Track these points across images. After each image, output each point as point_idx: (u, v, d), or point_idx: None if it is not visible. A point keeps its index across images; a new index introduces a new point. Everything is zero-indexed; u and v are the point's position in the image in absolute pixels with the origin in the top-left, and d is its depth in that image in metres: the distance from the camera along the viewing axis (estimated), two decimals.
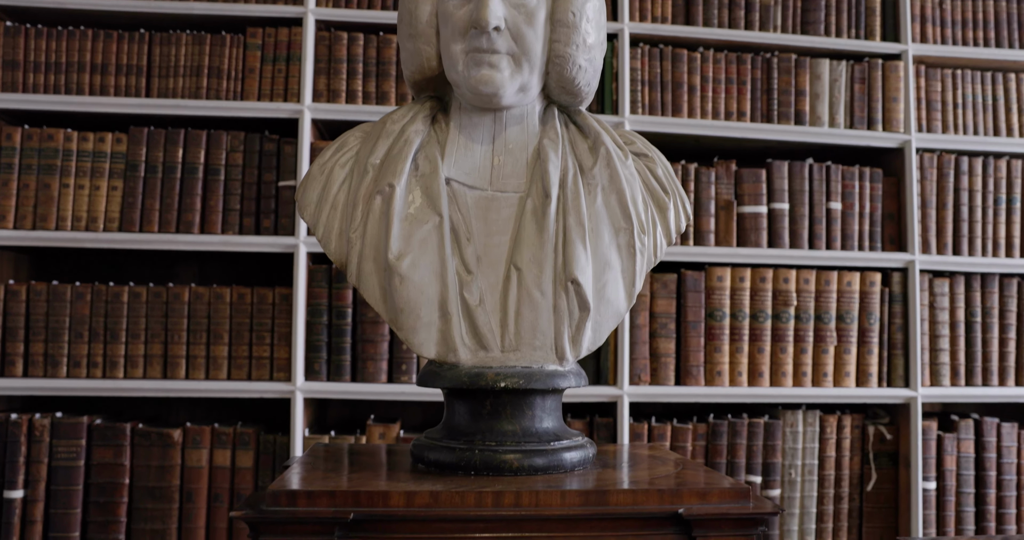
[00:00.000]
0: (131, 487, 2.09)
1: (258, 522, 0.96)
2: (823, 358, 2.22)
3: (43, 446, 2.08)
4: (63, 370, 2.12)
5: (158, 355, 2.14)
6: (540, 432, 1.13)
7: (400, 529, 0.99)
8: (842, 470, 2.24)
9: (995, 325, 2.31)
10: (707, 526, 1.01)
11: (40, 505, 2.06)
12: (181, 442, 2.11)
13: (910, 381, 2.24)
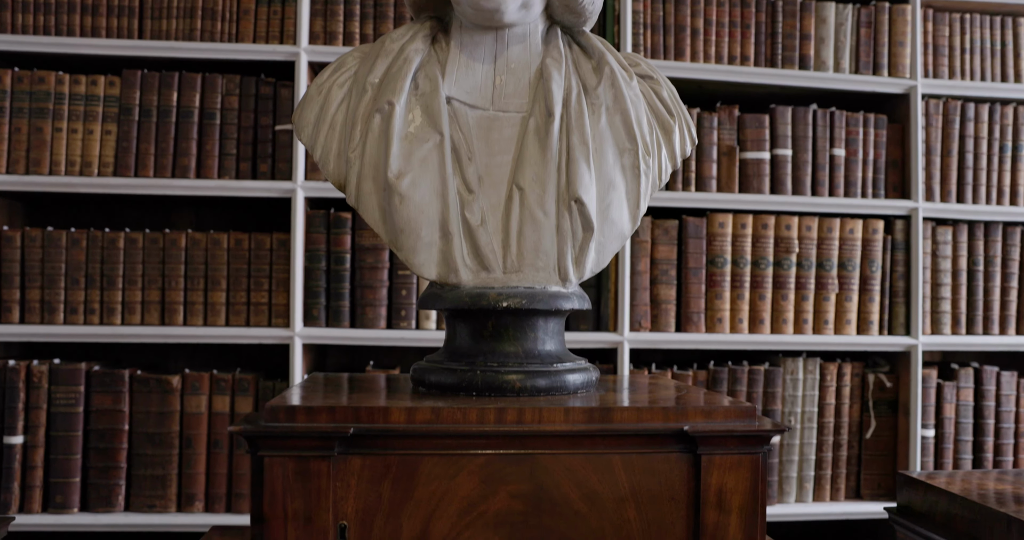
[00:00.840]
0: (131, 433, 2.09)
1: (256, 436, 0.95)
2: (824, 306, 2.21)
3: (42, 392, 2.07)
4: (60, 317, 2.10)
5: (155, 301, 2.12)
6: (542, 354, 1.12)
7: (400, 445, 0.98)
8: (841, 418, 2.24)
9: (997, 274, 2.30)
10: (712, 443, 1.00)
11: (40, 451, 2.06)
12: (180, 388, 2.10)
13: (911, 329, 2.24)
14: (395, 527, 0.97)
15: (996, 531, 1.25)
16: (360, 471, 0.97)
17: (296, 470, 0.95)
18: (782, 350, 2.24)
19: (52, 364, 2.08)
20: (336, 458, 0.97)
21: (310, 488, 0.96)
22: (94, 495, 2.07)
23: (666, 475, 1.01)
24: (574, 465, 1.00)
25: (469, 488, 0.98)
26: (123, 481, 2.07)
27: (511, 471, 0.99)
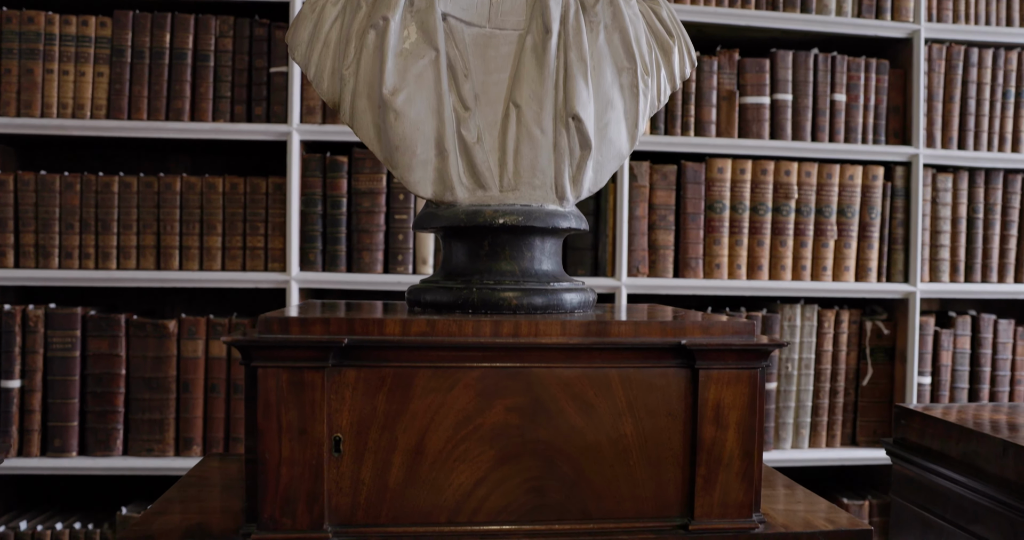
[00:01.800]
0: (128, 378, 2.09)
1: (250, 346, 0.94)
2: (823, 252, 2.20)
3: (38, 337, 2.07)
4: (55, 261, 2.09)
5: (151, 246, 2.11)
6: (539, 273, 1.11)
7: (396, 357, 0.97)
8: (839, 365, 2.24)
9: (997, 222, 2.29)
10: (710, 357, 1.00)
11: (38, 395, 2.06)
12: (176, 333, 2.10)
13: (909, 276, 2.23)
14: (390, 440, 0.97)
15: (991, 457, 1.25)
16: (355, 383, 0.97)
17: (290, 381, 0.95)
18: (780, 296, 2.24)
19: (48, 308, 2.07)
20: (330, 370, 0.96)
21: (304, 400, 0.95)
22: (92, 439, 2.07)
23: (663, 390, 1.01)
24: (570, 379, 1.00)
25: (465, 401, 0.98)
26: (121, 425, 2.08)
27: (507, 384, 0.99)
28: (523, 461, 0.99)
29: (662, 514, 1.02)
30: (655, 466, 1.01)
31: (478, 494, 0.99)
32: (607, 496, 1.01)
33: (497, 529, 0.99)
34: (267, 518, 0.96)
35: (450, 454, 0.98)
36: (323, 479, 0.96)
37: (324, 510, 0.96)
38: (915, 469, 1.39)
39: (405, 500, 0.98)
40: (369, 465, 0.97)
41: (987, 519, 1.26)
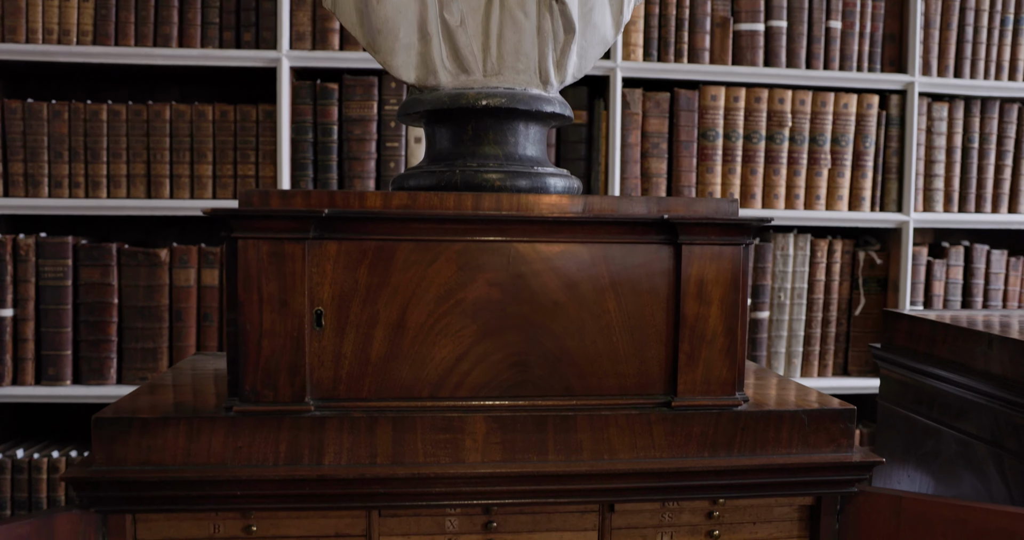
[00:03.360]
0: (120, 307, 2.09)
1: (230, 217, 0.93)
2: (816, 181, 2.19)
3: (29, 266, 2.06)
4: (44, 190, 2.08)
5: (141, 175, 2.10)
6: (523, 158, 1.10)
7: (377, 230, 0.97)
8: (831, 294, 2.24)
9: (992, 151, 2.27)
10: (693, 232, 0.99)
11: (31, 324, 2.07)
12: (168, 262, 2.09)
13: (903, 206, 2.22)
14: (372, 313, 0.97)
15: (977, 352, 1.25)
16: (336, 256, 0.96)
17: (270, 252, 0.95)
18: (773, 225, 2.23)
19: (39, 238, 2.07)
20: (311, 242, 0.96)
21: (285, 271, 0.95)
22: (86, 368, 2.08)
23: (646, 266, 1.01)
24: (553, 254, 0.99)
25: (447, 275, 0.98)
26: (114, 354, 2.08)
27: (489, 259, 0.98)
28: (505, 336, 0.99)
29: (645, 391, 1.02)
30: (638, 343, 1.01)
31: (460, 369, 0.99)
32: (590, 373, 1.01)
33: (479, 404, 0.99)
34: (248, 390, 0.96)
35: (432, 328, 0.98)
36: (304, 352, 0.96)
37: (306, 383, 0.97)
38: (902, 371, 1.40)
39: (387, 374, 0.98)
40: (351, 339, 0.97)
41: (972, 414, 1.26)
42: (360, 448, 0.96)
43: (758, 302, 2.19)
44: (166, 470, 0.94)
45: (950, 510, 1.04)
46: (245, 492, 0.94)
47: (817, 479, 1.03)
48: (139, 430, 0.95)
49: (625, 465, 0.98)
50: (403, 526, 1.01)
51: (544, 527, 1.03)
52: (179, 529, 0.99)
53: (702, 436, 1.01)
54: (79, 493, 0.95)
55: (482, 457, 0.97)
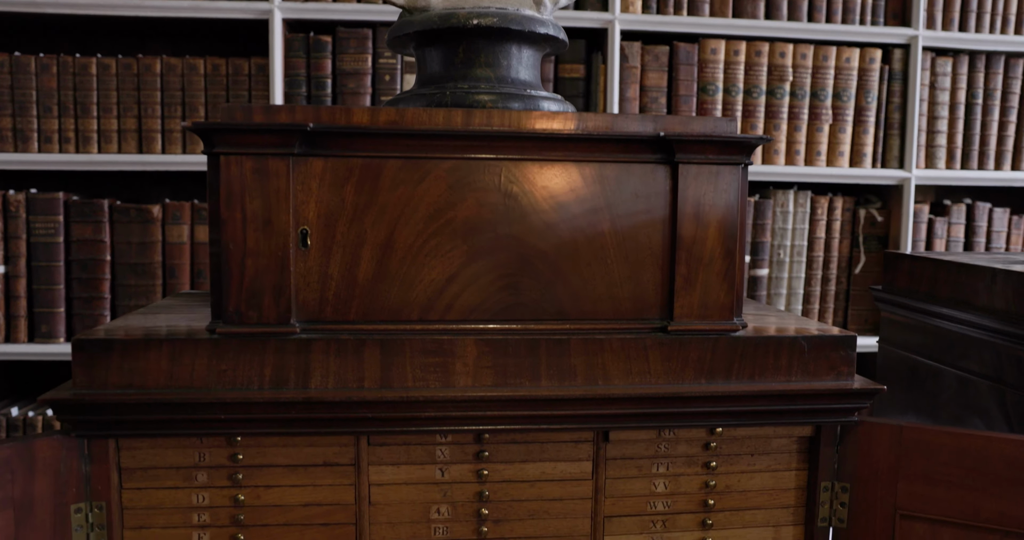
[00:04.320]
0: (113, 264, 2.07)
1: (212, 131, 0.91)
2: (817, 136, 2.16)
3: (20, 222, 2.04)
4: (34, 145, 2.05)
5: (132, 130, 2.07)
6: (516, 81, 1.07)
7: (363, 146, 0.94)
8: (831, 252, 2.22)
9: (996, 108, 2.23)
10: (690, 150, 0.96)
11: (23, 281, 2.04)
12: (161, 218, 2.07)
13: (904, 163, 2.19)
14: (359, 233, 0.94)
15: (980, 288, 1.23)
16: (321, 174, 0.94)
17: (254, 169, 0.92)
18: (773, 181, 2.20)
19: (29, 194, 2.04)
20: (296, 159, 0.93)
21: (269, 189, 0.92)
22: (79, 325, 2.06)
23: (643, 186, 0.98)
24: (546, 173, 0.96)
25: (436, 194, 0.95)
26: (107, 311, 2.06)
27: (479, 178, 0.95)
28: (496, 258, 0.97)
29: (641, 315, 0.99)
30: (633, 266, 0.99)
31: (450, 291, 0.97)
32: (584, 296, 0.98)
33: (470, 327, 0.97)
34: (232, 312, 0.93)
35: (421, 249, 0.96)
36: (290, 272, 0.93)
37: (291, 305, 0.94)
38: (903, 312, 1.37)
39: (375, 296, 0.95)
40: (337, 259, 0.95)
41: (974, 351, 1.24)
42: (348, 372, 0.94)
43: (757, 259, 2.16)
44: (149, 393, 0.92)
45: (951, 439, 1.01)
46: (230, 416, 0.92)
47: (817, 407, 1.01)
48: (121, 352, 0.92)
49: (620, 390, 0.96)
50: (392, 455, 0.99)
51: (537, 457, 1.01)
52: (163, 457, 0.97)
53: (699, 362, 0.98)
54: (59, 416, 0.92)
55: (473, 381, 0.95)
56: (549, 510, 1.02)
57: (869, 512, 1.05)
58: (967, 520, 1.01)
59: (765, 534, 1.07)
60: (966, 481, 1.00)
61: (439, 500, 1.00)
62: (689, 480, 1.04)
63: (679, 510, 1.05)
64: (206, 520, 0.98)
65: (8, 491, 0.91)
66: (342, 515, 0.99)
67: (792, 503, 1.07)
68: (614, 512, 1.03)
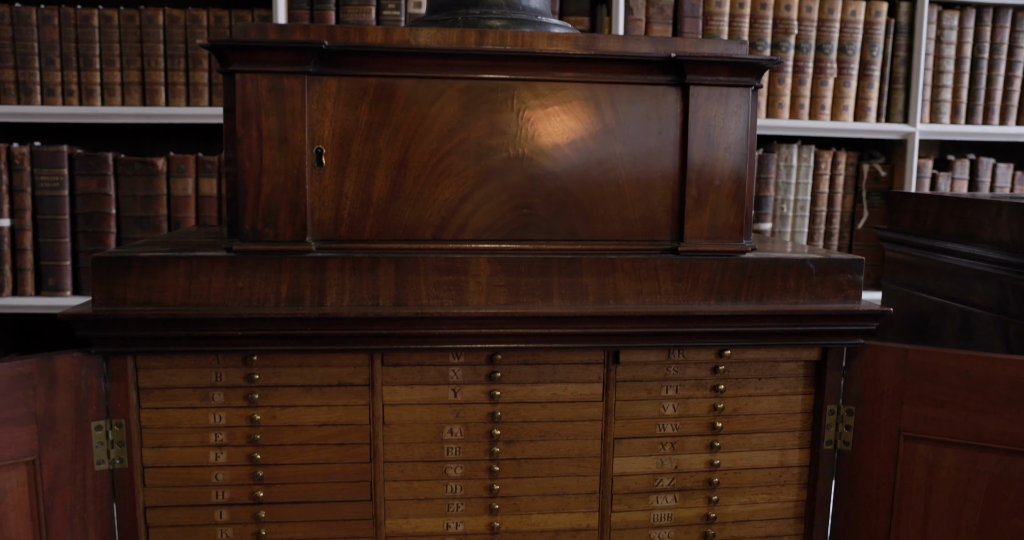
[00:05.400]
0: (118, 217, 2.07)
1: (227, 47, 0.91)
2: (822, 90, 2.16)
3: (24, 175, 2.04)
4: (37, 98, 2.04)
5: (135, 82, 2.06)
6: (527, 7, 1.07)
7: (378, 66, 0.94)
8: (834, 207, 2.22)
9: (1002, 62, 2.23)
10: (702, 71, 0.97)
11: (28, 234, 2.05)
12: (165, 171, 2.07)
13: (909, 117, 2.19)
14: (373, 152, 0.95)
15: (985, 221, 1.24)
16: (336, 93, 0.94)
17: (269, 87, 0.92)
18: (776, 136, 2.20)
19: (33, 147, 2.04)
20: (311, 78, 0.93)
21: (284, 107, 0.93)
22: (86, 278, 2.07)
23: (653, 107, 0.98)
24: (559, 94, 0.97)
25: (449, 114, 0.96)
26: None
27: (493, 97, 0.96)
28: (509, 178, 0.97)
29: (651, 236, 1.01)
30: (644, 187, 1.00)
31: (464, 210, 0.97)
32: (595, 217, 0.99)
33: (483, 247, 0.98)
34: (248, 229, 0.94)
35: (434, 169, 0.96)
36: (305, 191, 0.94)
37: (307, 223, 0.95)
38: (907, 250, 1.38)
39: (389, 215, 0.96)
40: (352, 178, 0.95)
41: (978, 285, 1.25)
42: (362, 290, 0.95)
43: (760, 213, 2.17)
44: (166, 310, 0.93)
45: (955, 361, 1.03)
46: (246, 332, 0.93)
47: (824, 328, 1.02)
48: (138, 270, 0.93)
49: (631, 310, 0.97)
50: (406, 376, 1.01)
51: (549, 378, 1.03)
52: (180, 377, 0.99)
53: (709, 283, 1.00)
54: (79, 332, 0.94)
55: (486, 300, 0.96)
56: (560, 431, 1.04)
57: (874, 434, 1.07)
58: (969, 440, 1.03)
59: (771, 457, 1.09)
60: (969, 402, 1.02)
61: (452, 420, 1.02)
62: (698, 403, 1.06)
63: (688, 433, 1.06)
64: (223, 439, 1.00)
65: (31, 406, 0.93)
66: (356, 435, 1.01)
67: (798, 427, 1.09)
68: (624, 434, 1.05)
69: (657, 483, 1.06)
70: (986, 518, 1.02)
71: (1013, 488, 1.00)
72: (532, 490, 1.04)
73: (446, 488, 1.03)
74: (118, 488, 0.98)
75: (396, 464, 1.02)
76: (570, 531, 1.06)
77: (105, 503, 0.99)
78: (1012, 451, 1.01)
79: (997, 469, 1.01)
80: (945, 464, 1.04)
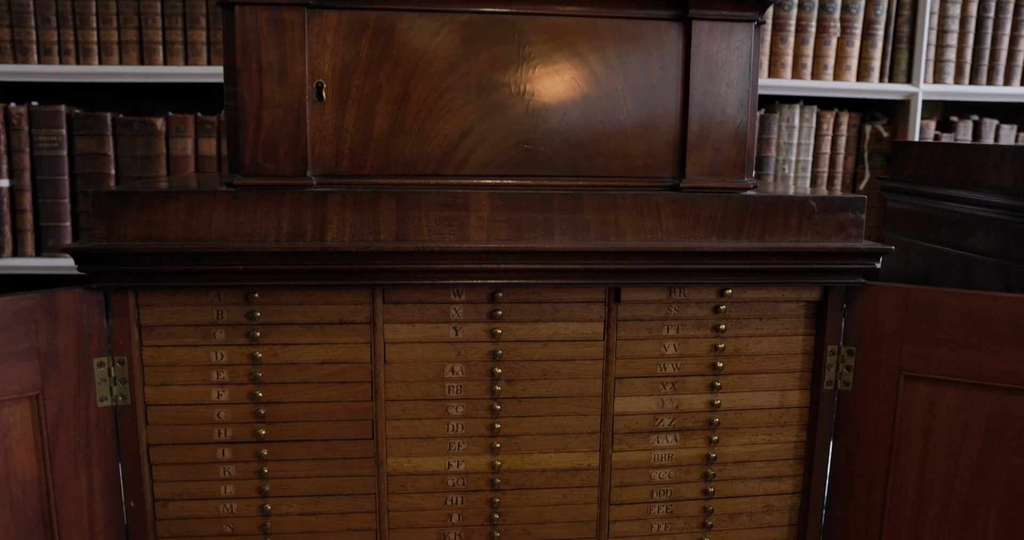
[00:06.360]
0: (117, 178, 2.06)
1: None
2: (825, 50, 2.14)
3: (23, 135, 2.03)
4: (33, 57, 2.03)
5: (133, 41, 2.04)
6: None
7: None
8: (836, 168, 2.21)
9: (1007, 21, 2.21)
10: (704, 5, 0.96)
11: (28, 195, 2.04)
12: (165, 131, 2.06)
13: (912, 77, 2.18)
14: (373, 86, 0.95)
15: (989, 167, 1.24)
16: (336, 27, 0.93)
17: (269, 19, 0.92)
18: (778, 96, 2.19)
19: (31, 106, 2.03)
20: (311, 10, 0.92)
21: (284, 39, 0.92)
22: (86, 239, 2.06)
23: (656, 42, 0.98)
24: (560, 28, 0.96)
25: (451, 48, 0.95)
26: None
27: (494, 31, 0.95)
28: (511, 113, 0.97)
29: (653, 173, 1.00)
30: (646, 123, 0.99)
31: (465, 145, 0.97)
32: (597, 153, 0.99)
33: (485, 182, 0.97)
34: (249, 164, 0.94)
35: (435, 103, 0.96)
36: (306, 125, 0.94)
37: (307, 157, 0.95)
38: (910, 199, 1.38)
39: (390, 150, 0.96)
40: (352, 113, 0.95)
41: (980, 231, 1.25)
42: (363, 224, 0.95)
43: (761, 174, 2.17)
44: (167, 244, 0.93)
45: (957, 299, 1.03)
46: (247, 267, 0.93)
47: (825, 266, 1.02)
48: (139, 204, 0.93)
49: (632, 245, 0.97)
50: (408, 314, 1.01)
51: (550, 317, 1.03)
52: (182, 314, 0.99)
53: (710, 220, 0.99)
54: (80, 266, 0.94)
55: (487, 235, 0.96)
56: (561, 370, 1.04)
57: (874, 374, 1.07)
58: (969, 379, 1.03)
59: (772, 398, 1.09)
60: (970, 341, 1.02)
61: (453, 359, 1.02)
62: (699, 343, 1.06)
63: (688, 372, 1.07)
64: (225, 378, 1.00)
65: (33, 341, 0.93)
66: (358, 373, 1.01)
67: (799, 368, 1.09)
68: (625, 373, 1.05)
69: (658, 423, 1.07)
70: (984, 456, 1.02)
71: (1012, 426, 1.01)
72: (533, 429, 1.05)
73: (447, 427, 1.03)
74: (121, 425, 0.99)
75: (397, 402, 1.02)
76: (571, 470, 1.06)
77: (109, 440, 0.99)
78: (1011, 389, 1.01)
79: (996, 407, 1.01)
80: (945, 403, 1.04)
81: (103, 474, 0.99)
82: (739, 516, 1.11)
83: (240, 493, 1.02)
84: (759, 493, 1.10)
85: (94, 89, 2.17)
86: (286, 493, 1.02)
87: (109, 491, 1.00)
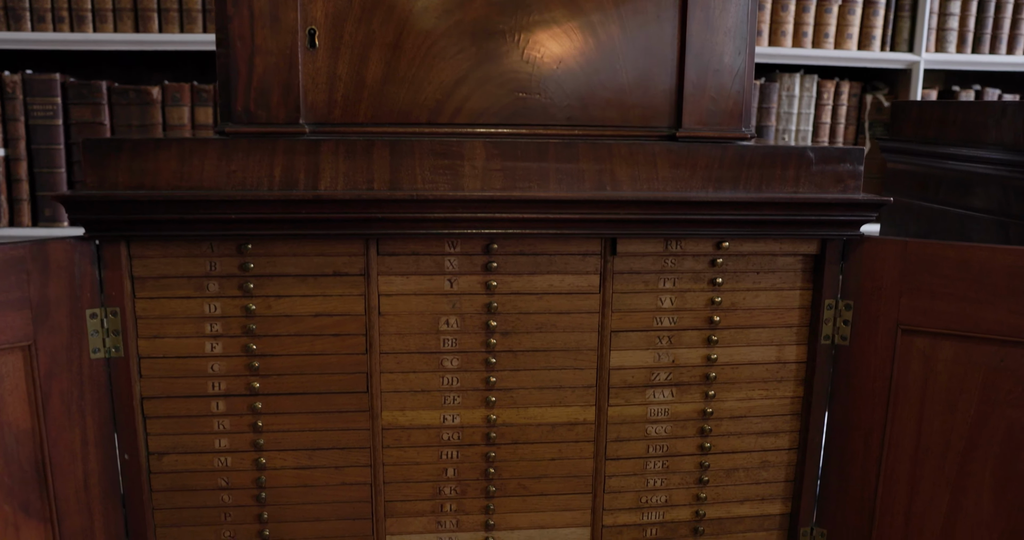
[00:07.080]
0: None
1: None
2: (826, 18, 2.12)
3: (17, 104, 2.02)
4: (27, 24, 2.01)
5: (127, 8, 2.03)
6: None
7: None
8: (836, 138, 2.20)
9: None
10: None
11: (24, 164, 2.03)
12: (160, 100, 2.04)
13: (914, 46, 2.16)
14: (367, 33, 0.93)
15: (990, 123, 1.22)
16: None
17: None
18: (779, 64, 2.17)
19: (25, 74, 2.01)
20: None
21: None
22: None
23: None
24: None
25: None
26: None
27: None
28: (505, 62, 0.96)
29: (649, 123, 0.99)
30: (643, 72, 0.98)
31: (459, 93, 0.96)
32: (592, 103, 0.98)
33: (480, 131, 0.96)
34: (241, 111, 0.93)
35: (429, 50, 0.95)
36: (298, 72, 0.93)
37: (300, 105, 0.94)
38: (909, 159, 1.37)
39: (384, 98, 0.95)
40: (345, 60, 0.94)
41: (980, 189, 1.24)
42: (357, 173, 0.94)
43: None
44: (159, 192, 0.92)
45: (955, 251, 1.02)
46: (240, 215, 0.93)
47: (823, 218, 1.01)
48: (130, 152, 0.92)
49: (628, 195, 0.96)
50: (402, 266, 1.00)
51: (545, 269, 1.02)
52: (175, 266, 0.98)
53: (707, 169, 0.98)
54: (71, 214, 0.93)
55: (482, 184, 0.95)
56: (556, 323, 1.04)
57: (871, 328, 1.06)
58: (967, 331, 1.02)
59: (769, 352, 1.08)
60: (968, 293, 1.02)
61: (448, 311, 1.02)
62: (695, 296, 1.06)
63: (685, 326, 1.06)
64: (218, 330, 1.00)
65: (25, 291, 0.93)
66: (352, 326, 1.01)
67: (796, 322, 1.09)
68: (621, 327, 1.05)
69: (654, 377, 1.07)
70: (981, 409, 1.02)
71: (1008, 378, 1.00)
72: (529, 383, 1.04)
73: (442, 380, 1.03)
74: (114, 377, 0.99)
75: (392, 355, 1.02)
76: (567, 424, 1.06)
77: (102, 391, 0.99)
78: (1008, 341, 1.00)
79: (993, 360, 1.01)
80: (942, 356, 1.04)
81: (97, 426, 0.99)
82: (735, 472, 1.10)
83: (235, 447, 1.02)
84: (755, 449, 1.10)
85: (89, 57, 2.16)
86: (281, 447, 1.02)
87: (103, 443, 1.00)
